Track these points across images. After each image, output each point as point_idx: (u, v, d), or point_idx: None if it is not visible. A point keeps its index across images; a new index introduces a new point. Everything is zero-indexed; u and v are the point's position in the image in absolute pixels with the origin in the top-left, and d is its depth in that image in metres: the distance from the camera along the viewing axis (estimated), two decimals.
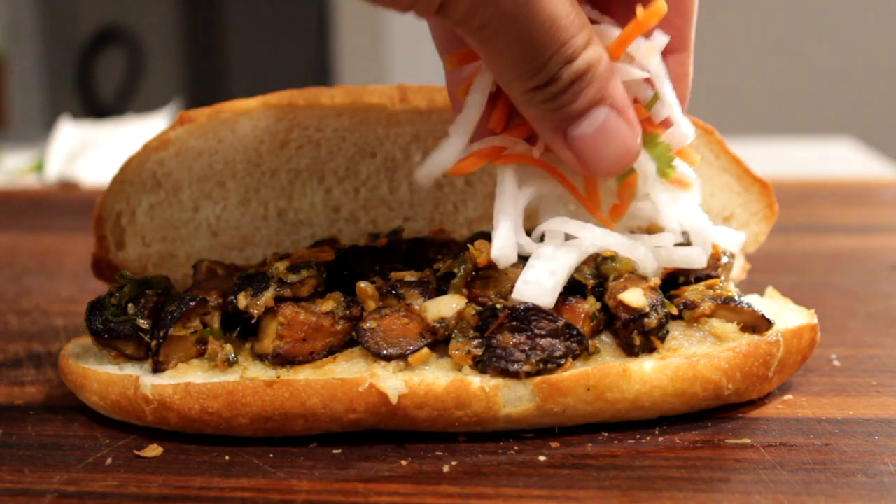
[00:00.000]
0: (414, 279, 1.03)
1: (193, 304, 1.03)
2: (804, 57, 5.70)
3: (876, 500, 0.84)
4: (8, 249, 1.96)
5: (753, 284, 1.29)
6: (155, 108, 3.84)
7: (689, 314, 1.03)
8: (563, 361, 0.97)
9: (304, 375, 0.98)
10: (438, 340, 1.00)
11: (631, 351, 1.00)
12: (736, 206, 1.26)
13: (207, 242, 1.24)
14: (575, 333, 0.98)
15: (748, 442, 0.96)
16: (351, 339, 1.01)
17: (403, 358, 0.98)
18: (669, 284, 1.08)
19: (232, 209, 1.23)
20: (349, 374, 0.98)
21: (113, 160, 2.75)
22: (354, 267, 1.06)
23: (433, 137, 1.21)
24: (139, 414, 1.00)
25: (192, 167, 1.19)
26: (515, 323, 0.97)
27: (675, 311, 1.03)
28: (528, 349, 0.97)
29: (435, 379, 0.97)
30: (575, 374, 0.97)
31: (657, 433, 0.99)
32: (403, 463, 0.93)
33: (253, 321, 1.02)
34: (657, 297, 1.00)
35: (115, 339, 1.03)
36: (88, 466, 0.94)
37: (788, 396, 1.07)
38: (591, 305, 1.01)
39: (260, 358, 1.02)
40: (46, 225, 2.25)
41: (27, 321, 1.42)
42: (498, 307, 0.98)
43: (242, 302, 1.02)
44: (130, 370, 1.03)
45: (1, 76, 7.56)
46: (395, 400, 0.95)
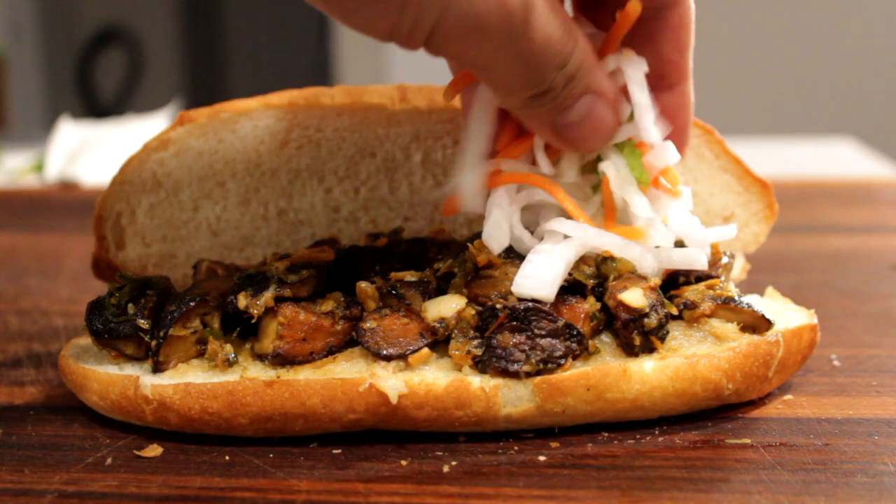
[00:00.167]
0: (414, 279, 1.03)
1: (193, 304, 1.03)
2: (804, 57, 5.70)
3: (876, 500, 0.84)
4: (8, 249, 1.96)
5: (753, 284, 1.29)
6: (155, 108, 3.84)
7: (689, 314, 1.03)
8: (563, 361, 0.97)
9: (304, 375, 0.98)
10: (438, 340, 1.00)
11: (631, 351, 1.00)
12: (736, 206, 1.26)
13: (207, 242, 1.24)
14: (575, 333, 0.98)
15: (748, 442, 0.96)
16: (351, 339, 1.01)
17: (403, 358, 0.98)
18: (669, 284, 1.08)
19: (232, 209, 1.23)
20: (349, 374, 0.98)
21: (113, 160, 2.75)
22: (354, 267, 1.06)
23: (433, 137, 1.21)
24: (139, 414, 1.00)
25: (192, 167, 1.19)
26: (515, 323, 0.97)
27: (675, 311, 1.03)
28: (528, 349, 0.97)
29: (435, 379, 0.97)
30: (575, 374, 0.97)
31: (657, 433, 0.99)
32: (403, 463, 0.93)
33: (253, 321, 1.02)
34: (657, 297, 1.00)
35: (115, 339, 1.03)
36: (88, 466, 0.94)
37: (788, 396, 1.07)
38: (591, 305, 1.01)
39: (260, 358, 1.02)
40: (46, 225, 2.25)
41: (27, 321, 1.42)
42: (498, 307, 0.98)
43: (242, 302, 1.02)
44: (130, 370, 1.03)
45: (1, 76, 7.56)
46: (395, 400, 0.95)
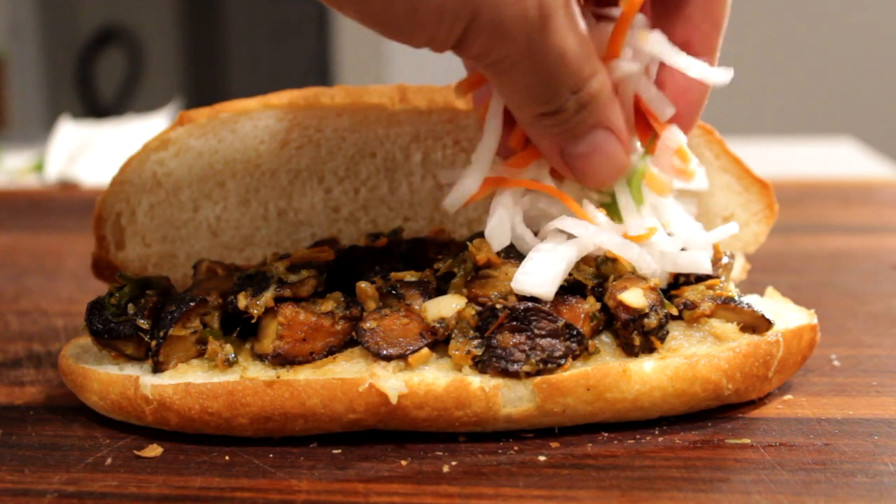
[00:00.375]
0: (414, 279, 1.03)
1: (193, 304, 1.03)
2: (804, 57, 5.70)
3: (876, 500, 0.84)
4: (8, 249, 1.96)
5: (753, 284, 1.29)
6: (155, 108, 3.84)
7: (689, 314, 1.03)
8: (563, 361, 0.97)
9: (304, 375, 0.98)
10: (438, 340, 1.00)
11: (631, 351, 1.00)
12: (736, 206, 1.26)
13: (207, 242, 1.24)
14: (575, 333, 0.98)
15: (748, 442, 0.96)
16: (351, 339, 1.01)
17: (403, 358, 0.98)
18: (669, 284, 1.08)
19: (232, 209, 1.23)
20: (349, 374, 0.98)
21: (113, 160, 2.75)
22: (354, 267, 1.06)
23: (433, 137, 1.21)
24: (139, 414, 1.00)
25: (192, 167, 1.19)
26: (515, 323, 0.97)
27: (674, 311, 1.03)
28: (528, 349, 0.97)
29: (435, 379, 0.97)
30: (575, 374, 0.97)
31: (657, 433, 0.99)
32: (403, 463, 0.93)
33: (253, 321, 1.02)
34: (657, 297, 1.00)
35: (115, 339, 1.03)
36: (88, 466, 0.94)
37: (788, 396, 1.07)
38: (591, 305, 1.01)
39: (260, 358, 1.02)
40: (46, 225, 2.25)
41: (27, 321, 1.42)
42: (498, 307, 0.98)
43: (242, 302, 1.02)
44: (130, 370, 1.03)
45: (1, 76, 7.56)
46: (394, 400, 0.95)
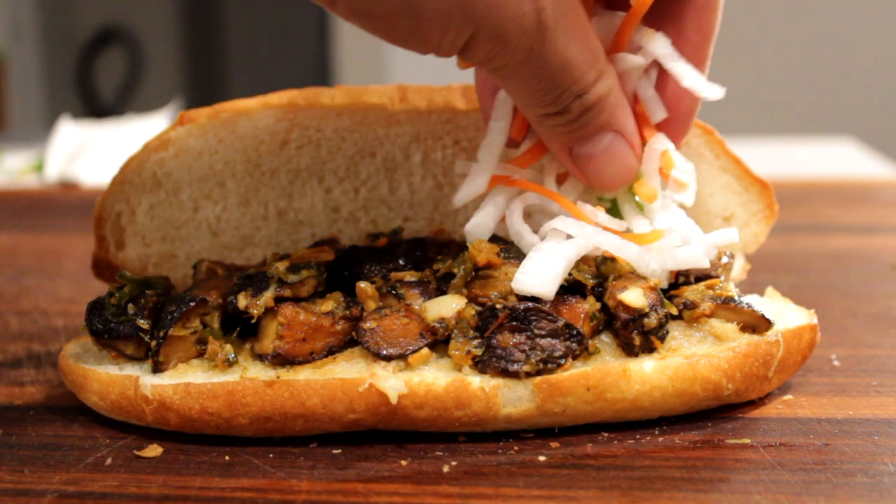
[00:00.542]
0: (414, 279, 1.03)
1: (193, 304, 1.03)
2: (804, 57, 5.70)
3: (876, 500, 0.84)
4: (8, 249, 1.96)
5: (753, 284, 1.29)
6: (155, 108, 3.84)
7: (688, 314, 1.03)
8: (563, 361, 0.97)
9: (304, 375, 0.98)
10: (438, 340, 1.00)
11: (631, 351, 1.00)
12: (736, 206, 1.26)
13: (207, 242, 1.24)
14: (575, 333, 0.98)
15: (748, 442, 0.96)
16: (351, 339, 1.01)
17: (403, 358, 0.98)
18: (669, 284, 1.08)
19: (232, 209, 1.23)
20: (349, 374, 0.98)
21: (113, 160, 2.75)
22: (354, 267, 1.06)
23: (433, 137, 1.21)
24: (139, 414, 1.00)
25: (192, 167, 1.19)
26: (515, 323, 0.97)
27: (674, 311, 1.03)
28: (527, 349, 0.97)
29: (435, 379, 0.97)
30: (575, 374, 0.97)
31: (657, 433, 0.99)
32: (403, 463, 0.93)
33: (253, 321, 1.02)
34: (657, 297, 1.00)
35: (115, 339, 1.03)
36: (88, 466, 0.94)
37: (788, 396, 1.07)
38: (590, 305, 1.01)
39: (260, 358, 1.02)
40: (46, 225, 2.25)
41: (27, 321, 1.42)
42: (498, 307, 0.98)
43: (242, 302, 1.02)
44: (130, 370, 1.03)
45: (1, 76, 7.56)
46: (394, 400, 0.95)
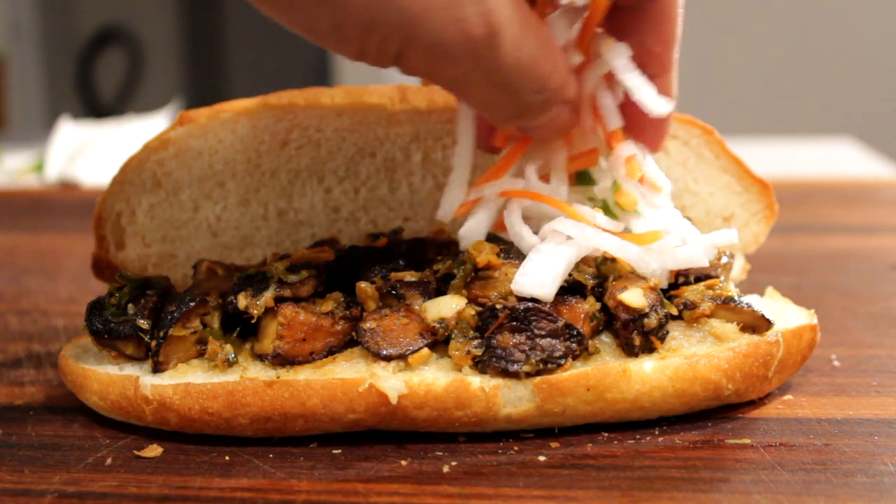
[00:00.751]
0: (414, 279, 1.03)
1: (193, 304, 1.03)
2: (804, 57, 5.70)
3: (876, 500, 0.84)
4: (8, 249, 1.96)
5: (753, 284, 1.29)
6: (155, 108, 3.84)
7: (688, 314, 1.03)
8: (562, 361, 0.97)
9: (304, 375, 0.98)
10: (438, 341, 1.00)
11: (631, 351, 1.00)
12: (736, 206, 1.26)
13: (207, 242, 1.24)
14: (575, 333, 0.98)
15: (748, 442, 0.96)
16: (351, 339, 1.01)
17: (403, 358, 0.98)
18: (669, 284, 1.08)
19: (232, 209, 1.23)
20: (349, 374, 0.98)
21: (113, 160, 2.75)
22: (354, 267, 1.06)
23: (433, 137, 1.21)
24: (139, 414, 1.00)
25: (192, 167, 1.19)
26: (515, 323, 0.97)
27: (674, 311, 1.03)
28: (527, 349, 0.97)
29: (435, 379, 0.97)
30: (575, 374, 0.97)
31: (657, 433, 0.99)
32: (403, 463, 0.93)
33: (253, 321, 1.02)
34: (657, 297, 1.00)
35: (115, 339, 1.03)
36: (88, 466, 0.94)
37: (788, 396, 1.07)
38: (590, 305, 1.01)
39: (260, 358, 1.01)
40: (46, 225, 2.25)
41: (27, 321, 1.42)
42: (498, 307, 0.98)
43: (242, 302, 1.02)
44: (130, 370, 1.03)
45: (1, 76, 7.56)
46: (394, 400, 0.95)
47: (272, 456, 0.96)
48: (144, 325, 1.03)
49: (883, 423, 1.00)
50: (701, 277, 1.08)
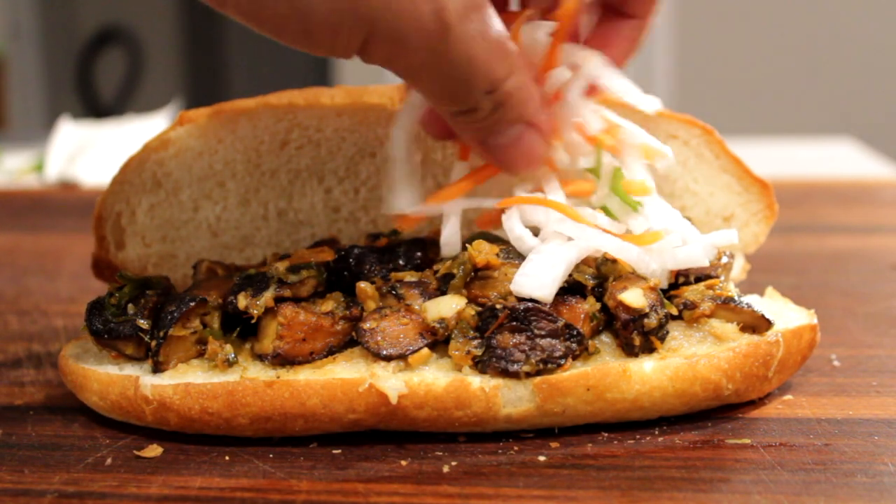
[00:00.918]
0: (414, 279, 1.03)
1: (193, 304, 1.03)
2: (804, 57, 5.70)
3: (876, 500, 0.84)
4: (8, 249, 1.96)
5: (753, 284, 1.29)
6: (155, 108, 3.84)
7: (688, 314, 1.03)
8: (562, 361, 0.97)
9: (304, 376, 0.98)
10: (438, 341, 1.00)
11: (631, 351, 1.00)
12: (736, 206, 1.26)
13: (207, 242, 1.24)
14: (575, 333, 0.98)
15: (748, 442, 0.96)
16: (351, 339, 1.01)
17: (403, 358, 0.98)
18: (669, 284, 1.08)
19: (232, 209, 1.23)
20: (349, 374, 0.98)
21: (113, 160, 2.75)
22: (354, 267, 1.06)
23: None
24: (139, 414, 1.00)
25: (192, 167, 1.19)
26: (515, 323, 0.97)
27: (674, 311, 1.03)
28: (527, 349, 0.97)
29: (435, 379, 0.97)
30: (575, 374, 0.97)
31: (657, 433, 0.99)
32: (403, 463, 0.93)
33: (253, 321, 1.02)
34: (657, 297, 1.00)
35: (115, 339, 1.03)
36: (88, 466, 0.94)
37: (788, 396, 1.07)
38: (590, 305, 1.01)
39: (260, 358, 1.02)
40: (46, 225, 2.25)
41: (27, 321, 1.42)
42: (498, 307, 0.98)
43: (242, 302, 1.01)
44: (130, 370, 1.03)
45: (1, 76, 7.56)
46: (394, 400, 0.95)
47: (272, 456, 0.96)
48: (144, 325, 1.03)
49: (883, 423, 1.00)
50: (701, 277, 1.08)
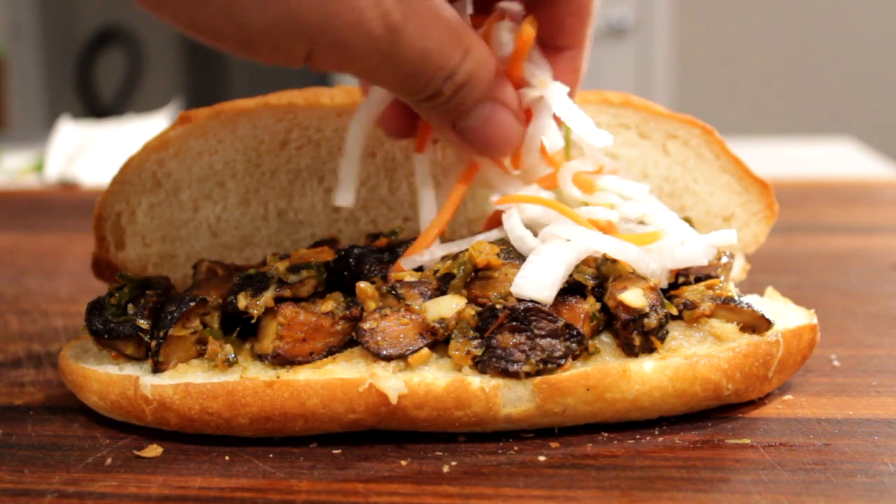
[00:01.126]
0: (414, 279, 1.03)
1: (193, 304, 1.03)
2: (804, 57, 5.70)
3: (876, 500, 0.84)
4: (8, 249, 1.96)
5: (753, 284, 1.29)
6: (155, 108, 3.84)
7: (688, 314, 1.03)
8: (562, 361, 0.97)
9: (303, 376, 0.98)
10: (438, 341, 1.00)
11: (631, 351, 1.00)
12: (736, 206, 1.26)
13: (207, 242, 1.24)
14: (575, 333, 0.98)
15: (748, 442, 0.96)
16: (351, 339, 1.01)
17: (403, 358, 0.98)
18: (669, 284, 1.08)
19: (232, 209, 1.23)
20: (349, 374, 0.98)
21: (113, 160, 2.75)
22: (354, 267, 1.06)
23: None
24: (139, 414, 1.00)
25: (192, 167, 1.19)
26: (515, 323, 0.97)
27: (674, 311, 1.03)
28: (527, 349, 0.97)
29: (435, 379, 0.97)
30: (575, 374, 0.97)
31: (657, 433, 0.99)
32: (403, 463, 0.93)
33: (253, 321, 1.02)
34: (657, 297, 1.00)
35: (114, 339, 1.03)
36: (88, 466, 0.94)
37: (788, 396, 1.07)
38: (590, 305, 1.01)
39: (260, 358, 1.02)
40: (46, 225, 2.25)
41: (27, 321, 1.42)
42: (498, 307, 0.98)
43: (242, 302, 1.01)
44: (130, 370, 1.03)
45: (1, 76, 7.56)
46: (394, 400, 0.95)
47: (272, 456, 0.96)
48: (144, 325, 1.03)
49: (883, 423, 1.00)
50: (701, 277, 1.08)
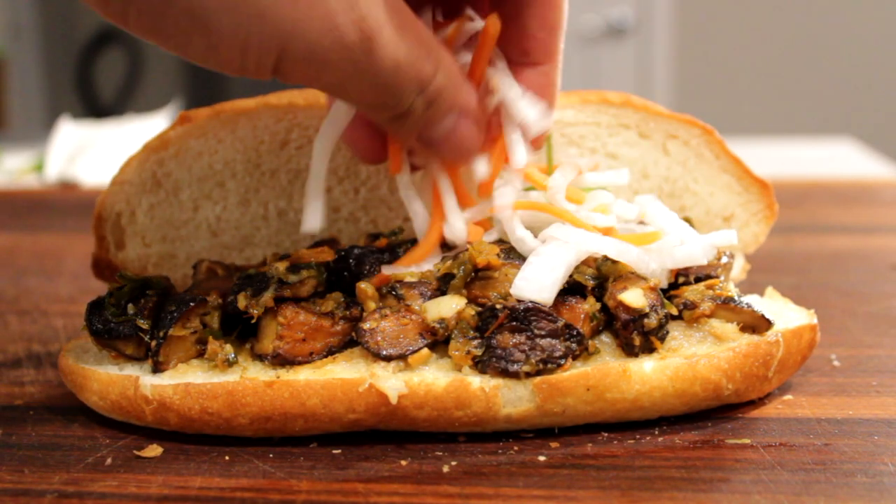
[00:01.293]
0: (414, 279, 1.03)
1: (193, 304, 1.03)
2: (804, 57, 5.70)
3: (876, 500, 0.84)
4: (8, 249, 1.96)
5: (753, 284, 1.29)
6: (155, 108, 3.84)
7: (688, 314, 1.03)
8: (562, 361, 0.97)
9: (303, 376, 0.98)
10: (438, 341, 1.00)
11: (631, 351, 1.00)
12: (736, 206, 1.26)
13: (207, 242, 1.24)
14: (575, 333, 0.98)
15: (748, 442, 0.96)
16: (351, 339, 1.01)
17: (403, 358, 0.98)
18: (669, 284, 1.08)
19: (232, 209, 1.23)
20: (349, 374, 0.98)
21: (113, 160, 2.75)
22: (354, 267, 1.06)
23: None
24: (139, 414, 1.00)
25: (192, 167, 1.19)
26: (515, 323, 0.97)
27: (674, 311, 1.03)
28: (527, 349, 0.97)
29: (435, 379, 0.97)
30: (575, 374, 0.97)
31: (657, 433, 0.99)
32: (403, 463, 0.93)
33: (253, 321, 1.02)
34: (657, 297, 1.00)
35: (114, 339, 1.03)
36: (88, 466, 0.94)
37: (788, 396, 1.07)
38: (590, 306, 1.01)
39: (260, 358, 1.02)
40: (46, 225, 2.25)
41: (27, 321, 1.42)
42: (498, 307, 0.98)
43: (242, 302, 1.01)
44: (130, 370, 1.03)
45: (1, 76, 7.56)
46: (394, 400, 0.95)
47: (272, 456, 0.96)
48: (144, 325, 1.03)
49: (883, 423, 1.00)
50: (701, 277, 1.08)
